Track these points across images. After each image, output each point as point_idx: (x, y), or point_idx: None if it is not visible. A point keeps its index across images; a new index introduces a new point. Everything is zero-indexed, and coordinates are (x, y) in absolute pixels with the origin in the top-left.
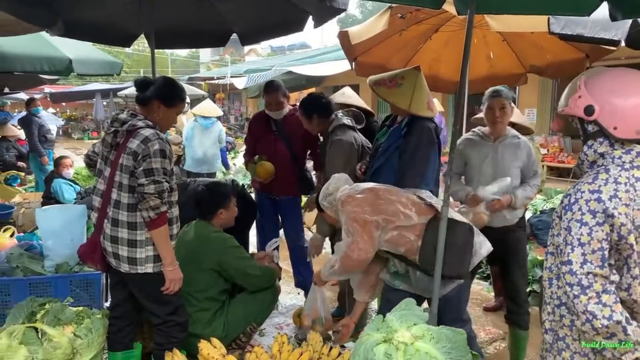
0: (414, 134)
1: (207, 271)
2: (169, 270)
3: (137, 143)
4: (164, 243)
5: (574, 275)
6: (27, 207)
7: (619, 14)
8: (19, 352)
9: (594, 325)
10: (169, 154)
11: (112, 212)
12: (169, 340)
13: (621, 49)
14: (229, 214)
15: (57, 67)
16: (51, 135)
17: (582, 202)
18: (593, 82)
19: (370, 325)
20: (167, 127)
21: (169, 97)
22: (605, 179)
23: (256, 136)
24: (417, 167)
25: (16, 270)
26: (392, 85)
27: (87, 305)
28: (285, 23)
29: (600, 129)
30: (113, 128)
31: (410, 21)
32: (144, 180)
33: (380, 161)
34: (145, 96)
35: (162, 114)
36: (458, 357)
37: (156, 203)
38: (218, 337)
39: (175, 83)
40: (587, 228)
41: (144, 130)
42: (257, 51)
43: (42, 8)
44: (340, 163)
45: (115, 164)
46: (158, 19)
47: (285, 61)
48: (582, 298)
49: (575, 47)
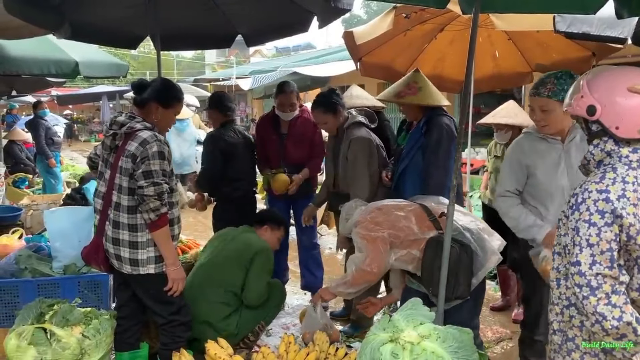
0: (434, 130)
1: (242, 270)
2: (172, 270)
3: (135, 145)
4: (166, 244)
5: (582, 277)
6: (35, 209)
7: (625, 11)
8: (27, 353)
9: (604, 326)
10: (167, 156)
11: (113, 214)
12: (173, 340)
13: (628, 46)
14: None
15: (64, 70)
16: (58, 138)
17: (590, 202)
18: (594, 82)
19: (377, 325)
20: (165, 129)
21: (165, 98)
22: (613, 178)
23: (263, 137)
24: (440, 162)
25: (24, 272)
26: (414, 91)
27: (94, 306)
28: (290, 24)
29: (603, 128)
30: (112, 131)
31: (414, 21)
32: (143, 182)
33: (404, 163)
34: (143, 98)
35: (160, 115)
36: (465, 357)
37: (156, 205)
38: (230, 333)
39: (172, 84)
40: (595, 229)
41: (142, 133)
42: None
43: (49, 11)
44: (364, 160)
45: (114, 166)
46: (164, 21)
47: (291, 62)
48: (592, 299)
49: (581, 46)
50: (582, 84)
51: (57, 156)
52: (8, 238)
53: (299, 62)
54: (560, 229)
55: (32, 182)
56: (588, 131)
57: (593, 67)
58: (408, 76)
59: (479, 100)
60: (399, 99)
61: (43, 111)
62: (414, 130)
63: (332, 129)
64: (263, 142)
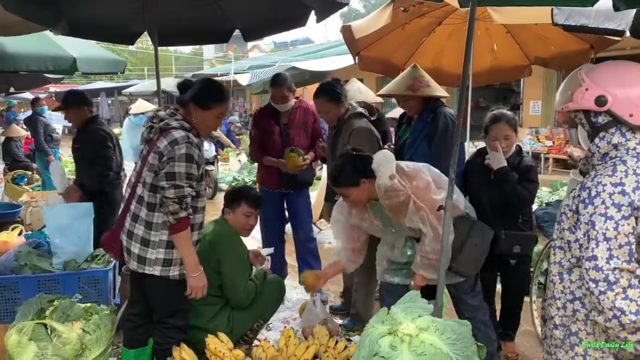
0: (440, 119)
1: (212, 267)
2: (192, 277)
3: (165, 144)
4: (185, 248)
5: (600, 271)
6: (34, 206)
7: (622, 4)
8: (28, 348)
9: (621, 321)
10: (197, 159)
11: (135, 207)
12: (166, 340)
13: (626, 39)
14: (236, 218)
15: (62, 66)
16: (57, 135)
17: (605, 196)
18: (597, 74)
19: (375, 318)
20: (206, 131)
21: (201, 99)
22: (625, 170)
23: (262, 129)
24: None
25: (25, 268)
26: (424, 84)
27: (94, 301)
28: (288, 18)
29: (613, 119)
30: (150, 123)
31: (413, 14)
32: (164, 183)
33: (410, 152)
34: (184, 99)
35: (199, 117)
36: (463, 349)
37: (175, 208)
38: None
39: (213, 84)
40: (612, 222)
41: (175, 132)
42: (260, 47)
43: (47, 7)
44: (368, 149)
45: (144, 159)
46: (161, 16)
47: (289, 57)
48: (610, 294)
49: (579, 38)
50: (583, 78)
51: (56, 153)
52: (8, 235)
53: (297, 57)
54: (563, 223)
55: (32, 178)
56: (591, 125)
57: (592, 60)
58: (410, 71)
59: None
60: (414, 92)
61: (41, 108)
62: (417, 121)
63: (333, 118)
64: (264, 133)
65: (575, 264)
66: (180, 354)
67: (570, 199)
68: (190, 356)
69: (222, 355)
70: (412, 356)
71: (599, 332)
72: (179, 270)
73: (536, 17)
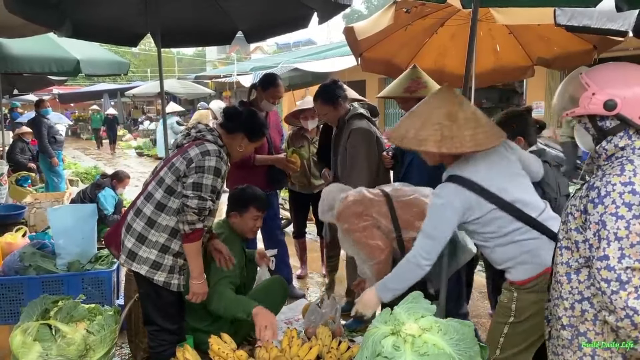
0: None
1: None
2: (195, 284)
3: (196, 152)
4: (194, 258)
5: (612, 271)
6: (38, 208)
7: (625, 4)
8: (33, 349)
9: (634, 320)
10: (223, 174)
11: (141, 202)
12: (159, 343)
13: (629, 39)
14: (242, 222)
15: (65, 68)
16: (60, 137)
17: (616, 195)
18: (602, 77)
19: (378, 318)
20: (237, 157)
21: (254, 132)
22: (633, 169)
23: None
24: None
25: (29, 269)
26: (422, 85)
27: (98, 302)
28: (291, 20)
29: (621, 122)
30: (187, 130)
31: (415, 16)
32: (190, 192)
33: (411, 155)
34: (233, 126)
35: (244, 146)
36: (466, 349)
37: (193, 219)
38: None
39: (262, 121)
40: (624, 221)
41: (208, 144)
42: (262, 48)
43: (50, 10)
44: (363, 150)
45: (168, 160)
46: (164, 18)
47: (291, 58)
48: (622, 294)
49: (582, 39)
50: (587, 82)
51: (59, 154)
52: (12, 236)
53: (300, 58)
54: (569, 223)
55: (35, 180)
56: (598, 129)
57: (595, 60)
58: (409, 72)
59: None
60: (411, 93)
61: (45, 110)
62: None
63: (332, 120)
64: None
65: (584, 264)
66: (184, 354)
67: (577, 199)
68: (194, 356)
69: (225, 356)
70: (415, 356)
71: (607, 332)
72: (164, 278)
73: (539, 17)
